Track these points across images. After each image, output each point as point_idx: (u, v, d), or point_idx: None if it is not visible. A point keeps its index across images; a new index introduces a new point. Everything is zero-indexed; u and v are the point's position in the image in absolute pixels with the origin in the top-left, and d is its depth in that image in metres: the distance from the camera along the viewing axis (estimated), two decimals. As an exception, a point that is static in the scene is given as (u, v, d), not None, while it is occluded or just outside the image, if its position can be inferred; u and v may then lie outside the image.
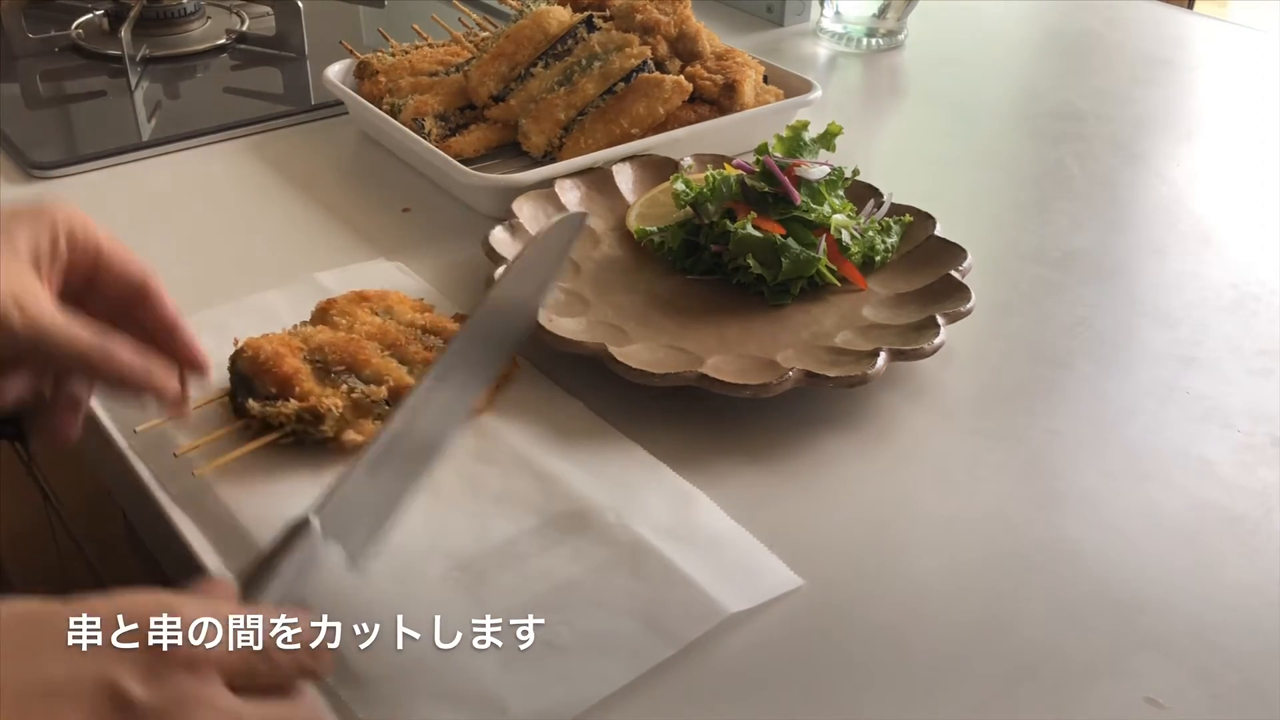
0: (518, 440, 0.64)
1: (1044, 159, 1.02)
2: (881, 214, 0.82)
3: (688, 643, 0.52)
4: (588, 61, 0.91)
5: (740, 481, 0.63)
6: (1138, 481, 0.65)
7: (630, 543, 0.57)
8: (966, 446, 0.67)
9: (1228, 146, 1.09)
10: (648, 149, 0.89)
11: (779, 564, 0.57)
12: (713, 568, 0.56)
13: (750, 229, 0.75)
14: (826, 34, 1.25)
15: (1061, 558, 0.60)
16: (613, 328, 0.73)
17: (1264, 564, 0.60)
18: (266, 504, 0.59)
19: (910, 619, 0.56)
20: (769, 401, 0.66)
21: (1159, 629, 0.56)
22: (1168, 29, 1.35)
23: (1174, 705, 0.52)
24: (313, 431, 0.61)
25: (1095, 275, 0.84)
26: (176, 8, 1.15)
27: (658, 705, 0.51)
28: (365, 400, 0.62)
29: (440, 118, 0.91)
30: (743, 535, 0.59)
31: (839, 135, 0.84)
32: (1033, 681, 0.53)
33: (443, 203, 0.89)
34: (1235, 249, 0.89)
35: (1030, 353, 0.76)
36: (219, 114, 1.01)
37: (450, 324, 0.69)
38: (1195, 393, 0.72)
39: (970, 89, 1.18)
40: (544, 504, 0.60)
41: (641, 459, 0.63)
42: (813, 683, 0.52)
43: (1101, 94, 1.15)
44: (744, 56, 0.97)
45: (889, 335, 0.71)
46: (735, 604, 0.54)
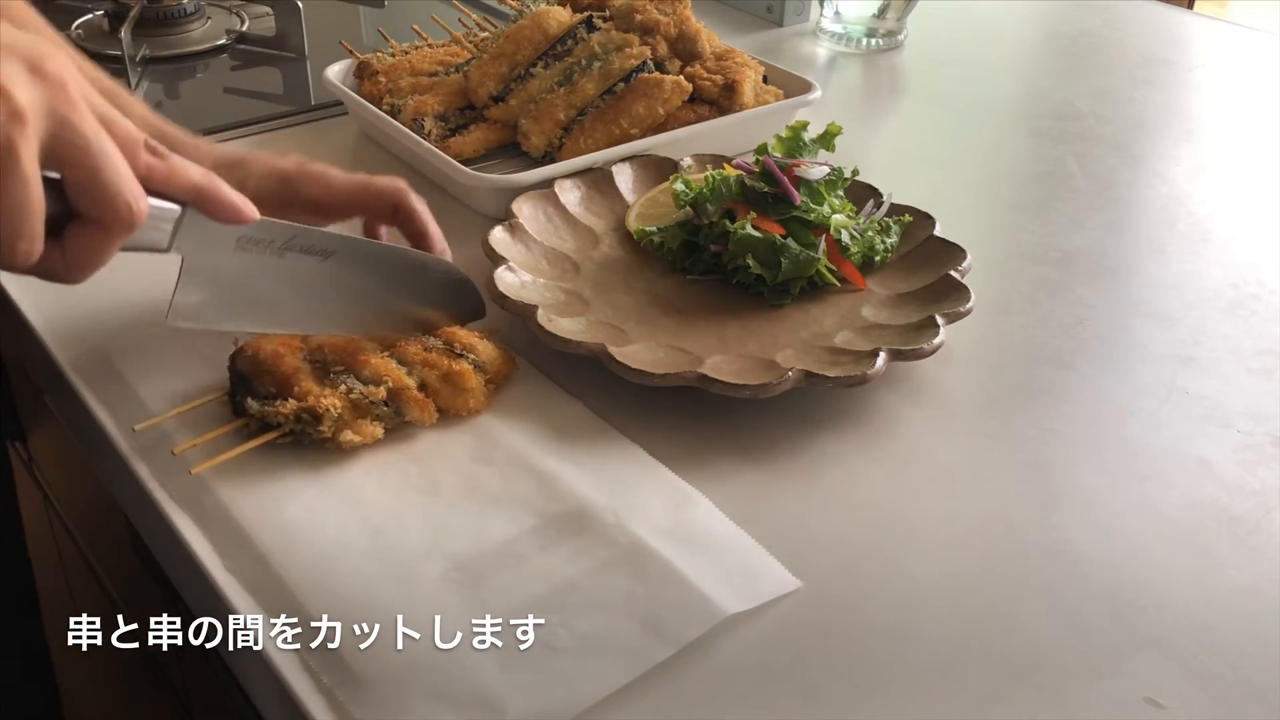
0: (517, 440, 0.64)
1: (1044, 159, 1.02)
2: (881, 214, 0.82)
3: (686, 643, 0.52)
4: (587, 62, 0.91)
5: (740, 481, 0.63)
6: (1137, 481, 0.65)
7: (629, 544, 0.57)
8: (966, 446, 0.67)
9: (1228, 146, 1.09)
10: (648, 149, 0.89)
11: (777, 566, 0.57)
12: (711, 569, 0.56)
13: (750, 229, 0.75)
14: (826, 34, 1.25)
15: (1061, 558, 0.60)
16: (612, 328, 0.73)
17: (1263, 564, 0.60)
18: (264, 503, 0.59)
19: (910, 619, 0.56)
20: (769, 401, 0.66)
21: (1159, 629, 0.56)
22: (1168, 29, 1.35)
23: (1174, 705, 0.52)
24: (310, 432, 0.61)
25: (1095, 275, 0.84)
26: (176, 8, 1.15)
27: (656, 706, 0.51)
28: (363, 401, 0.62)
29: (440, 118, 0.91)
30: (741, 536, 0.59)
31: (839, 135, 0.84)
32: (1033, 681, 0.53)
33: (443, 203, 0.89)
34: (1235, 249, 0.89)
35: (1030, 353, 0.76)
36: (219, 114, 1.01)
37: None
38: (1195, 393, 0.72)
39: (970, 89, 1.18)
40: (543, 504, 0.59)
41: (640, 460, 0.63)
42: (812, 683, 0.52)
43: (1101, 94, 1.15)
44: (744, 57, 0.97)
45: (889, 335, 0.71)
46: (733, 605, 0.54)
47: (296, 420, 0.61)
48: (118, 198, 0.49)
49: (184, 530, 0.58)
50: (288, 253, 0.60)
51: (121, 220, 0.49)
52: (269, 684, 0.52)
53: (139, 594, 0.85)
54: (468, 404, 0.65)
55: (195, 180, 0.54)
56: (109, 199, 0.49)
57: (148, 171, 0.52)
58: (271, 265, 0.59)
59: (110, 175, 0.48)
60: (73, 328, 0.71)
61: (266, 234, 0.58)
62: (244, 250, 0.58)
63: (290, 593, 0.54)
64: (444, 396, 0.65)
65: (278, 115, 1.01)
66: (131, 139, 0.51)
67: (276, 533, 0.57)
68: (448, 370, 0.65)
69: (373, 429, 0.62)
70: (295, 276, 0.61)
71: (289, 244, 0.60)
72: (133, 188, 0.49)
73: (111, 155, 0.48)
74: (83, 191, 0.48)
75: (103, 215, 0.49)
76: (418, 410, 0.64)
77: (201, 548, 0.57)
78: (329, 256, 0.62)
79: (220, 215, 0.55)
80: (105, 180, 0.48)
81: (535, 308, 0.70)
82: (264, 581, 0.55)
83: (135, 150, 0.51)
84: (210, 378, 0.66)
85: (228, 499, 0.59)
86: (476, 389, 0.65)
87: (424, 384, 0.64)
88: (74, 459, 0.90)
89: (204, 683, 0.80)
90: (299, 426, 0.61)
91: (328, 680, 0.50)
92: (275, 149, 0.79)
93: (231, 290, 0.59)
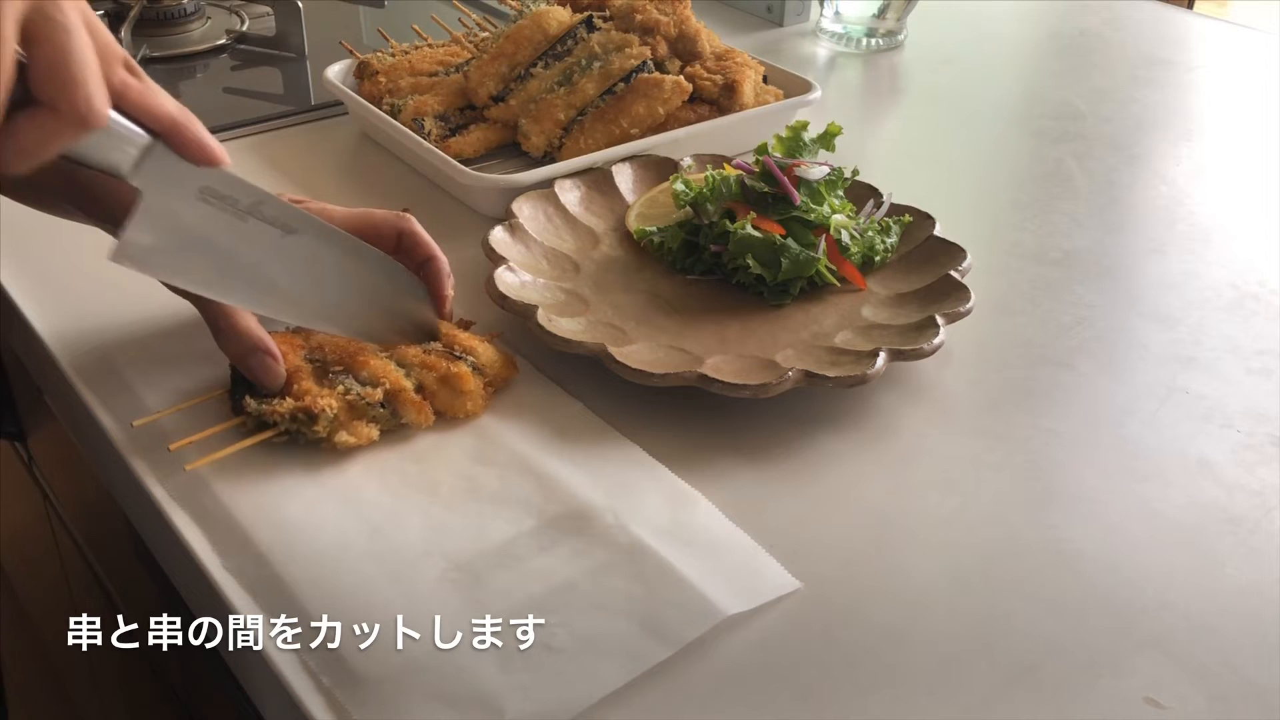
0: (516, 441, 0.64)
1: (1044, 159, 1.02)
2: (881, 214, 0.82)
3: (685, 644, 0.52)
4: (587, 62, 0.91)
5: (739, 481, 0.63)
6: (1137, 481, 0.65)
7: (628, 544, 0.57)
8: (966, 446, 0.67)
9: (1228, 146, 1.09)
10: (648, 149, 0.89)
11: (777, 566, 0.57)
12: (710, 570, 0.56)
13: (750, 229, 0.75)
14: (826, 34, 1.25)
15: (1061, 557, 0.60)
16: (612, 328, 0.73)
17: (1263, 564, 0.60)
18: (263, 502, 0.59)
19: (910, 619, 0.56)
20: (769, 401, 0.66)
21: (1159, 629, 0.56)
22: (1168, 29, 1.35)
23: (1174, 705, 0.52)
24: (306, 432, 0.61)
25: (1095, 275, 0.84)
26: (176, 8, 1.15)
27: (655, 706, 0.51)
28: (360, 402, 0.62)
29: (440, 118, 0.91)
30: (741, 537, 0.59)
31: (839, 135, 0.84)
32: (1033, 681, 0.53)
33: (443, 203, 0.89)
34: (1235, 249, 0.89)
35: (1030, 352, 0.76)
36: (219, 114, 1.01)
37: (451, 327, 0.69)
38: (1195, 392, 0.72)
39: (970, 89, 1.18)
40: (542, 505, 0.59)
41: (640, 460, 0.63)
42: (812, 683, 0.52)
43: (1101, 94, 1.15)
44: (744, 56, 0.97)
45: (888, 335, 0.71)
46: (733, 606, 0.54)
47: (292, 420, 0.61)
48: (79, 87, 0.47)
49: (183, 529, 0.58)
50: (251, 217, 0.58)
51: (78, 112, 0.47)
52: (269, 684, 0.52)
53: (139, 594, 0.85)
54: (465, 407, 0.65)
55: (169, 110, 0.53)
56: (70, 86, 0.47)
57: (122, 87, 0.51)
58: (231, 226, 0.57)
59: (77, 63, 0.46)
60: (73, 327, 0.71)
61: (233, 190, 0.57)
62: (206, 202, 0.56)
63: (290, 592, 0.54)
64: (442, 399, 0.65)
65: (278, 115, 1.01)
66: (111, 50, 0.50)
67: (276, 532, 0.57)
68: (446, 373, 0.65)
69: (368, 431, 0.62)
70: (253, 244, 0.58)
71: (254, 208, 0.58)
72: (98, 85, 0.47)
73: (85, 48, 0.47)
74: (46, 71, 0.46)
75: (59, 101, 0.47)
76: (414, 412, 0.63)
77: (201, 547, 0.57)
78: (291, 233, 0.60)
79: (190, 152, 0.54)
80: (72, 66, 0.46)
81: (535, 308, 0.70)
82: (263, 581, 0.55)
83: (113, 63, 0.50)
84: (211, 376, 0.66)
85: (227, 498, 0.59)
86: (474, 392, 0.65)
87: (422, 386, 0.64)
88: (74, 459, 0.90)
89: (204, 683, 0.80)
90: (294, 426, 0.61)
91: (327, 680, 0.50)
92: (273, 152, 0.79)
93: (185, 242, 0.57)
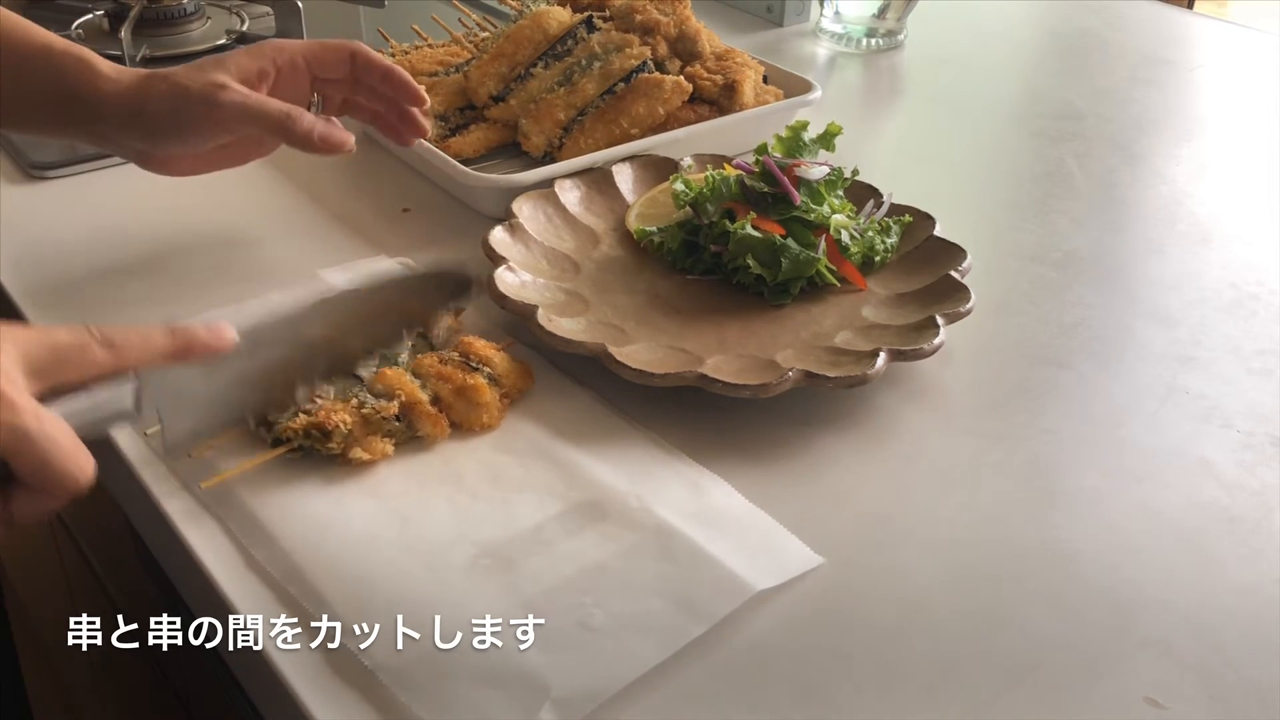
0: (534, 432, 0.65)
1: (1044, 159, 1.02)
2: (881, 214, 0.82)
3: (719, 620, 0.54)
4: (588, 62, 0.91)
5: (740, 481, 0.63)
6: (1137, 481, 0.65)
7: (654, 526, 0.58)
8: (966, 446, 0.67)
9: (1228, 146, 1.09)
10: (648, 149, 0.89)
11: (798, 543, 0.58)
12: (736, 548, 0.57)
13: (750, 229, 0.75)
14: (826, 34, 1.25)
15: (1061, 557, 0.60)
16: (613, 328, 0.73)
17: (1264, 564, 0.60)
18: (274, 515, 0.58)
19: (910, 619, 0.56)
20: (769, 401, 0.66)
21: (1159, 629, 0.56)
22: (1168, 29, 1.35)
23: (1174, 705, 0.52)
24: (320, 448, 0.61)
25: (1094, 275, 0.84)
26: (176, 8, 1.15)
27: (656, 706, 0.51)
28: (375, 416, 0.62)
29: (440, 118, 0.91)
30: (761, 517, 0.60)
31: (839, 135, 0.84)
32: (1033, 681, 0.53)
33: (443, 203, 0.89)
34: (1235, 249, 0.89)
35: (1029, 353, 0.76)
36: (219, 114, 1.01)
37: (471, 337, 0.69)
38: (1194, 393, 0.72)
39: (970, 89, 1.18)
40: (566, 490, 0.60)
41: (655, 448, 0.64)
42: (812, 682, 0.52)
43: (1101, 94, 1.15)
44: (744, 56, 0.97)
45: (889, 335, 0.71)
46: (761, 581, 0.56)
47: (306, 436, 0.61)
48: (66, 477, 0.49)
49: (190, 537, 0.58)
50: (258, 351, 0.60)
51: (70, 491, 0.50)
52: (269, 683, 0.52)
53: (139, 594, 0.85)
54: (481, 419, 0.64)
55: (158, 347, 0.55)
56: (58, 479, 0.49)
57: (99, 368, 0.53)
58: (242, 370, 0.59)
59: (57, 462, 0.49)
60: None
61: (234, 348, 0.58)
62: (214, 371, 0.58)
63: (319, 589, 0.54)
64: (458, 411, 0.64)
65: (278, 115, 1.01)
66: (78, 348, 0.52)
67: (302, 527, 0.57)
68: (462, 384, 0.64)
69: (383, 446, 0.62)
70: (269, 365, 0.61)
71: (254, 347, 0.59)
72: (79, 460, 0.50)
73: (55, 440, 0.49)
74: (32, 477, 0.49)
75: (52, 491, 0.50)
76: (430, 425, 0.63)
77: (206, 554, 0.57)
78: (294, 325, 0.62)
79: (201, 357, 0.56)
80: (52, 468, 0.49)
81: (535, 308, 0.70)
82: (293, 578, 0.55)
83: (86, 354, 0.52)
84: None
85: (236, 509, 0.59)
86: (490, 404, 0.65)
87: (438, 398, 0.64)
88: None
89: (204, 683, 0.80)
90: (308, 442, 0.61)
91: (368, 663, 0.50)
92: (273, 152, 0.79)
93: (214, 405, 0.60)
